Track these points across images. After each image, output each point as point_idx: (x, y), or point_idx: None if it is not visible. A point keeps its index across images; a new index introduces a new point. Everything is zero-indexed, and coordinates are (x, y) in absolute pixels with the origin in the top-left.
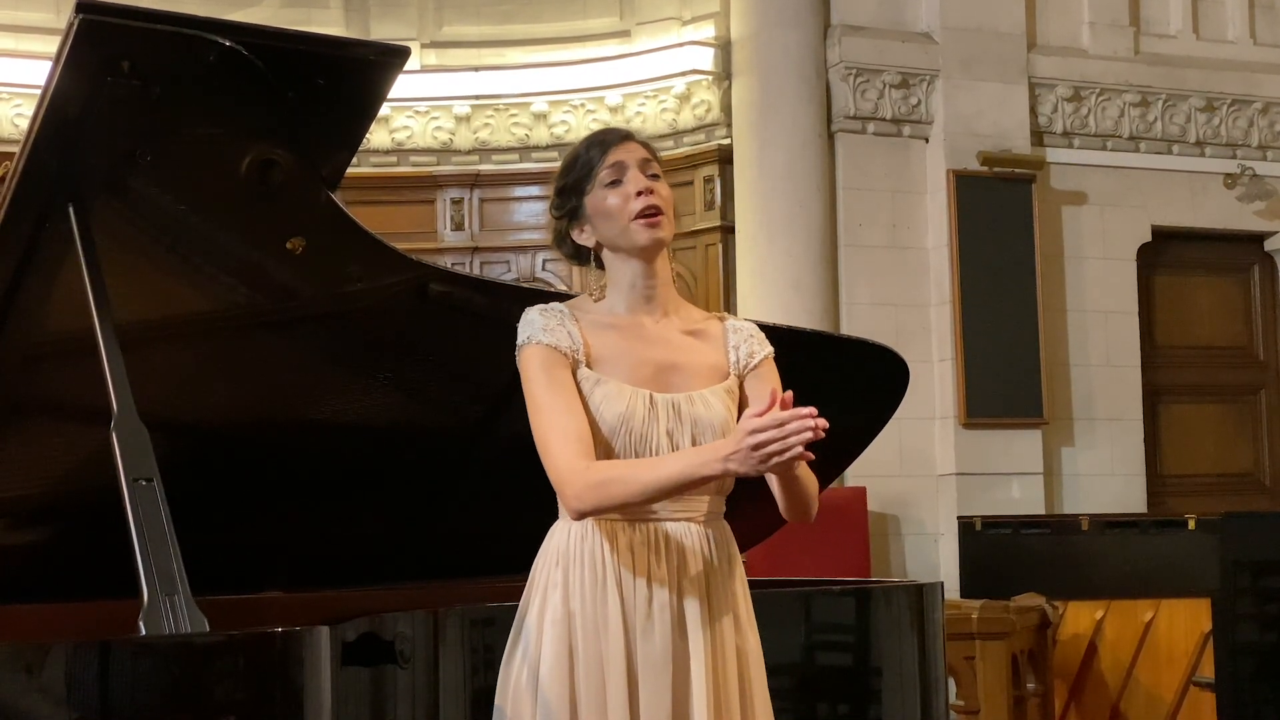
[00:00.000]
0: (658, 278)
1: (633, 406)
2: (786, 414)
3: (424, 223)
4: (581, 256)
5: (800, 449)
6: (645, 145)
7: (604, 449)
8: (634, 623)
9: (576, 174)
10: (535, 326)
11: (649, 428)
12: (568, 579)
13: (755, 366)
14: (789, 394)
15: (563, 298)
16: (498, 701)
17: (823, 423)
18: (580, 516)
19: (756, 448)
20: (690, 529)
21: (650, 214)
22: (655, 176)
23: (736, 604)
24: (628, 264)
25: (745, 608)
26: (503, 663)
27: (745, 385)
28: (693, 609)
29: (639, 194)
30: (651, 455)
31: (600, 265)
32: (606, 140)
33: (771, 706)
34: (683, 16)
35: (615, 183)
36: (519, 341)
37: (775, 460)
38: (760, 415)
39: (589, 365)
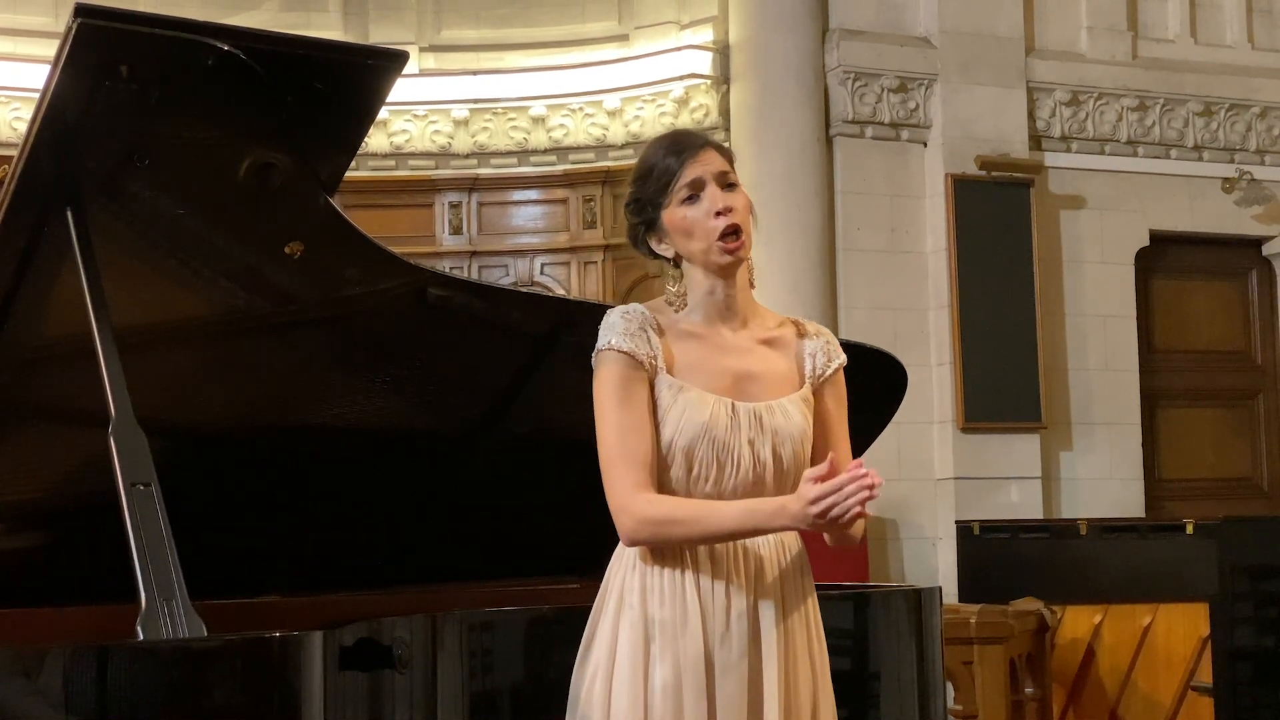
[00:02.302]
0: (736, 287)
1: (716, 415)
2: (845, 477)
3: (422, 226)
4: (656, 259)
5: (859, 509)
6: (721, 151)
7: (685, 457)
8: (713, 629)
9: (653, 186)
10: (616, 331)
11: (731, 436)
12: (645, 584)
13: (830, 376)
14: (838, 460)
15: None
16: (570, 705)
17: (879, 480)
18: (632, 544)
19: (821, 514)
20: (769, 540)
21: (730, 235)
22: (732, 186)
23: (809, 621)
24: (707, 276)
25: (817, 620)
26: (575, 666)
27: (818, 396)
28: (768, 618)
29: (719, 214)
30: (734, 464)
31: (678, 266)
32: (683, 150)
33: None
34: (681, 21)
35: (693, 199)
36: (598, 345)
37: (841, 523)
38: (821, 479)
39: (670, 372)
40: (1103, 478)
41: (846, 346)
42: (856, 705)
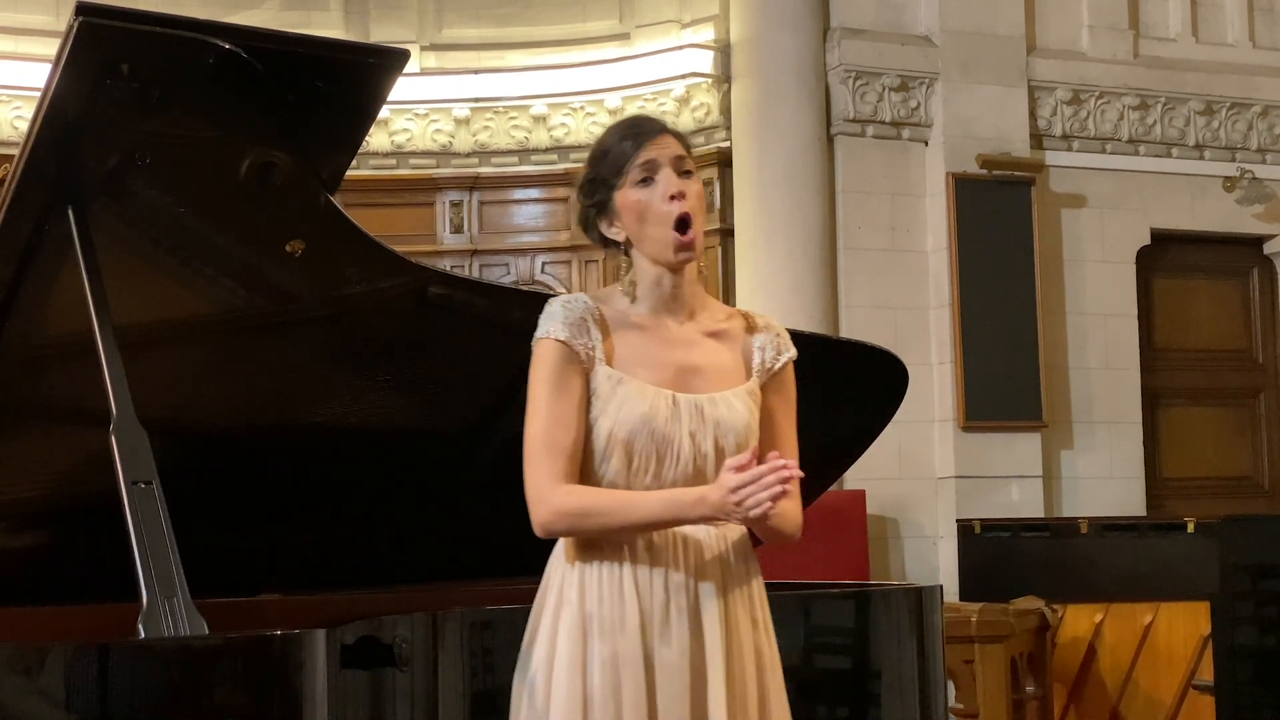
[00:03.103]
0: (684, 277)
1: (655, 406)
2: (764, 468)
3: (423, 225)
4: (606, 245)
5: (771, 503)
6: (680, 138)
7: (624, 449)
8: (652, 624)
9: (608, 166)
10: (555, 320)
11: (671, 428)
12: (583, 580)
13: (778, 371)
14: (759, 450)
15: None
16: (513, 703)
17: (796, 472)
18: (547, 535)
19: (739, 503)
20: (709, 532)
21: (682, 227)
22: (688, 174)
23: (754, 607)
24: (655, 265)
25: (763, 610)
26: (517, 665)
27: (766, 391)
28: (710, 611)
29: (672, 197)
30: (674, 456)
31: (627, 254)
32: (640, 133)
33: (789, 711)
34: (682, 19)
35: (647, 181)
36: (537, 333)
37: (755, 512)
38: (742, 469)
39: (610, 364)
40: (1104, 476)
41: (848, 345)
42: (857, 704)
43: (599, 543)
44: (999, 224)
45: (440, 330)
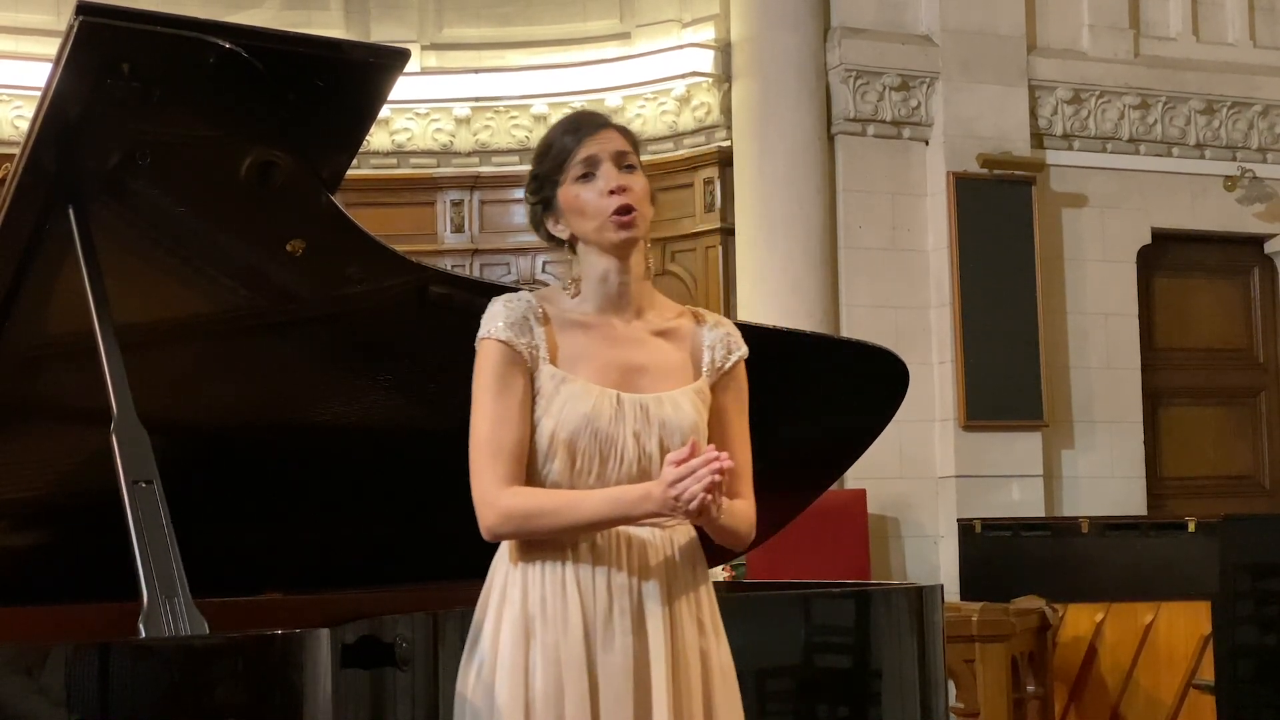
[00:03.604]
0: (631, 273)
1: (599, 406)
2: (698, 460)
3: (424, 225)
4: (553, 242)
5: (707, 495)
6: (623, 132)
7: (567, 449)
8: (594, 626)
9: (550, 163)
10: (496, 319)
11: (615, 428)
12: (526, 580)
13: (729, 370)
14: (700, 444)
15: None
16: (456, 705)
17: (727, 462)
18: (494, 539)
19: (677, 496)
20: (655, 533)
21: (624, 212)
22: (631, 168)
23: (701, 609)
24: (601, 259)
25: (711, 613)
26: (460, 665)
27: (716, 390)
28: (654, 613)
29: (612, 192)
30: (618, 457)
31: (574, 250)
32: (581, 128)
33: (743, 714)
34: (683, 19)
35: (588, 176)
36: (479, 333)
37: (692, 505)
38: (678, 464)
39: (554, 362)
40: (1104, 476)
41: (848, 344)
42: (858, 703)
43: (542, 543)
44: (1000, 223)
45: (441, 330)
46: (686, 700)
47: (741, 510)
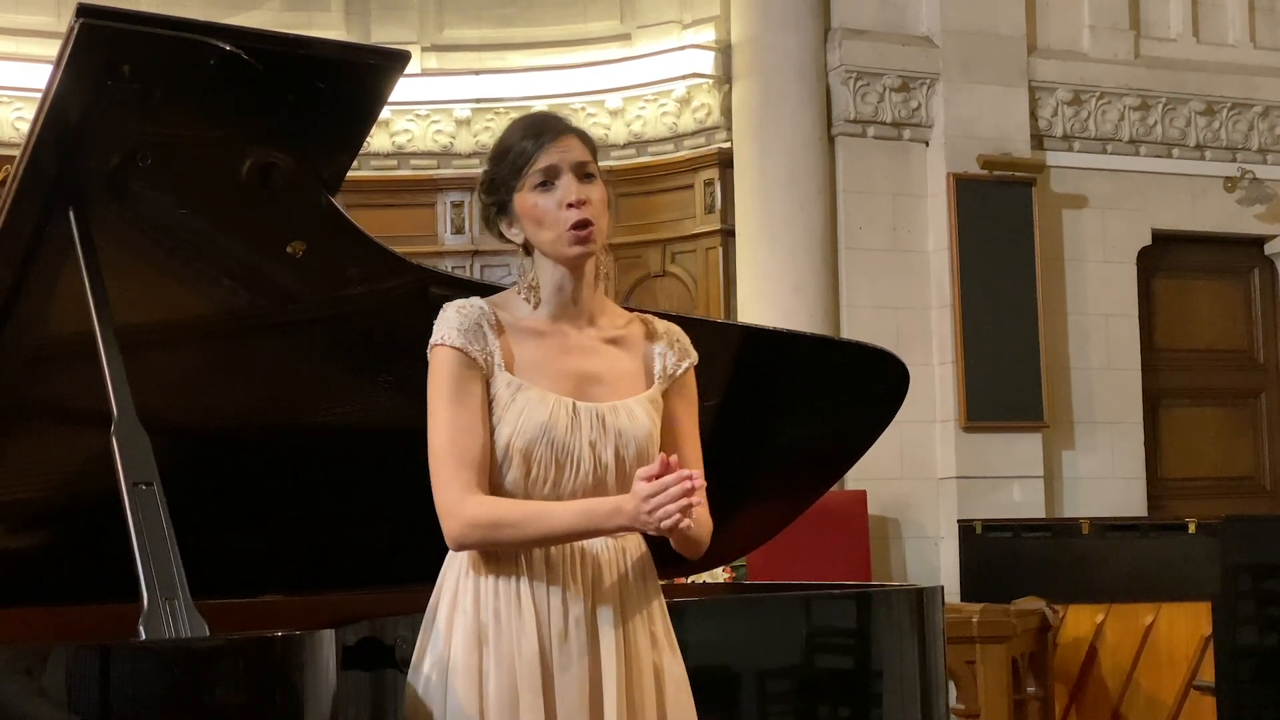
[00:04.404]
0: (584, 280)
1: (556, 415)
2: (671, 478)
3: (424, 226)
4: (508, 242)
5: (679, 515)
6: (582, 138)
7: (523, 458)
8: (549, 637)
9: (507, 168)
10: (450, 326)
11: (571, 437)
12: (479, 589)
13: (680, 376)
14: (675, 458)
15: (485, 290)
16: (408, 708)
17: (700, 483)
18: (459, 549)
19: (651, 511)
20: (607, 545)
21: (581, 227)
22: (590, 177)
23: (654, 622)
24: (555, 268)
25: (664, 626)
26: (411, 666)
27: (668, 396)
28: (607, 625)
29: (571, 205)
30: (574, 466)
31: (529, 255)
32: (541, 134)
33: None
34: (683, 20)
35: (546, 185)
36: (431, 340)
37: (665, 524)
38: (652, 479)
39: (509, 371)
40: (1105, 477)
41: (849, 346)
42: (859, 704)
43: (496, 555)
44: (1000, 224)
45: None
46: (640, 715)
47: (702, 518)
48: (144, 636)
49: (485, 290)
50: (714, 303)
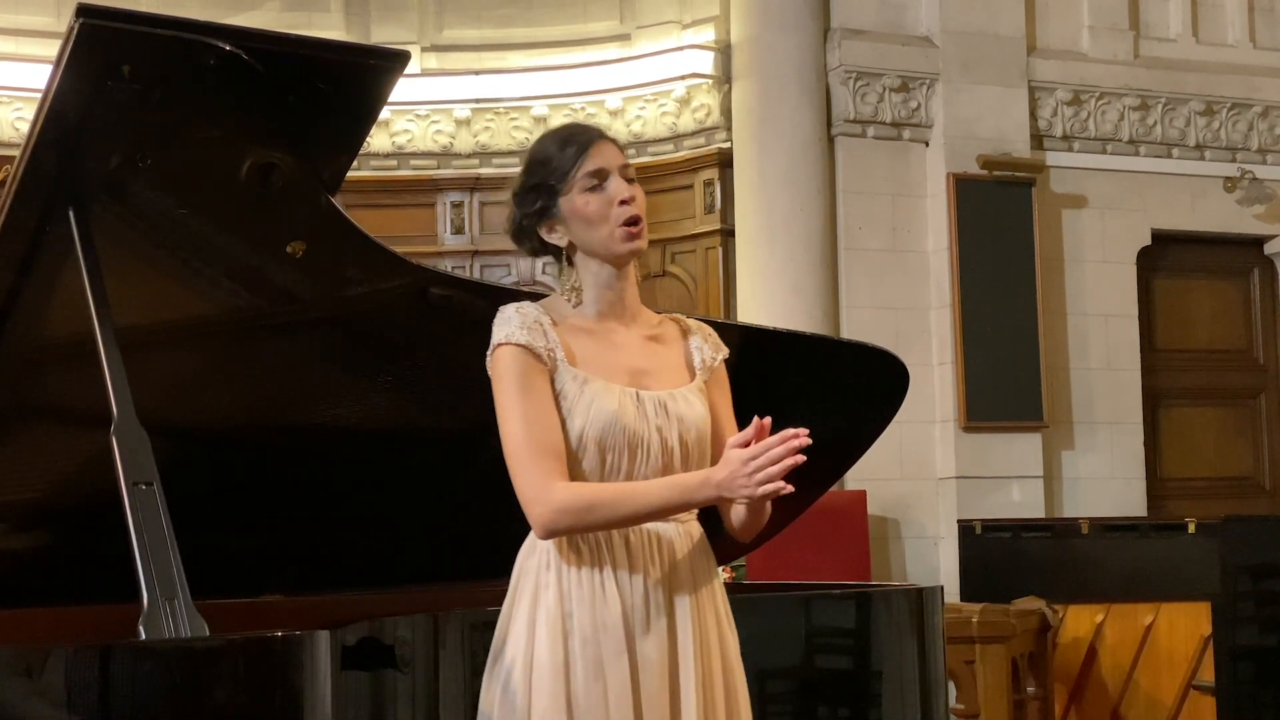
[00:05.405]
0: (628, 280)
1: (623, 404)
2: (774, 439)
3: (424, 226)
4: (543, 252)
5: (781, 481)
6: (617, 145)
7: (598, 447)
8: (634, 624)
9: (552, 173)
10: (512, 325)
11: (640, 424)
12: (561, 581)
13: (715, 368)
14: (768, 420)
15: (534, 297)
16: (483, 706)
17: (805, 440)
18: (549, 536)
19: (752, 474)
20: (678, 530)
21: (633, 223)
22: (632, 180)
23: (718, 604)
24: (602, 268)
25: (725, 608)
26: (486, 669)
27: (708, 388)
28: (683, 610)
29: (622, 202)
30: (645, 452)
31: (570, 263)
32: (583, 140)
33: (750, 706)
34: (683, 20)
35: (596, 188)
36: (493, 341)
37: (767, 488)
38: (748, 444)
39: (572, 364)
40: (1104, 477)
41: (848, 346)
42: (858, 705)
43: (578, 545)
44: (999, 224)
45: (441, 331)
46: (710, 691)
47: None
48: (144, 636)
49: (486, 290)
50: (713, 303)
